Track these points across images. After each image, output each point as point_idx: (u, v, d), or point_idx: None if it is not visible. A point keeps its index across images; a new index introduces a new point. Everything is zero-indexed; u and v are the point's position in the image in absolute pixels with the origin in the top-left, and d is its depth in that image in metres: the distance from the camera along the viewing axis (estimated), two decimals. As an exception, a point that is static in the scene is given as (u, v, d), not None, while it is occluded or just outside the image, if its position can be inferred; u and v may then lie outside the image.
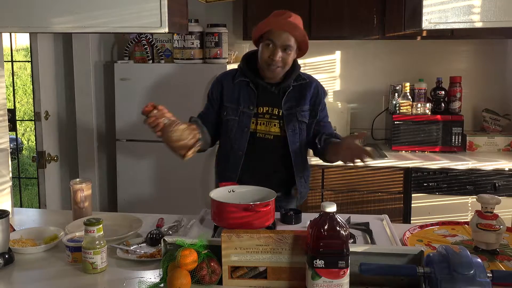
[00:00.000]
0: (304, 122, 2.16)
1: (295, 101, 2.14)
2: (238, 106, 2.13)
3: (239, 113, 2.13)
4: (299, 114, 2.14)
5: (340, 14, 3.40)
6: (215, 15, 3.72)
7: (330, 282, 1.32)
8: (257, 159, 2.15)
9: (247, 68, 2.15)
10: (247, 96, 2.14)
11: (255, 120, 2.14)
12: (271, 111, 2.14)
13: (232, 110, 2.13)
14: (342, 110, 3.78)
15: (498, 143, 3.42)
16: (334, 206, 1.35)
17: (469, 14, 1.57)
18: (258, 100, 2.13)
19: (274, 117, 2.13)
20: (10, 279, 1.56)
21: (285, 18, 2.04)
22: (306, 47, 2.11)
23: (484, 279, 1.25)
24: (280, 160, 2.17)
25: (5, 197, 2.06)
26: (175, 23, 1.67)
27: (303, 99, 2.15)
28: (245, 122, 2.12)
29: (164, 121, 1.79)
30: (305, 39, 2.07)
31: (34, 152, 3.96)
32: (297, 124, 2.14)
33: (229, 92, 2.15)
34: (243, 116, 2.12)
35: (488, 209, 1.68)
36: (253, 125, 2.14)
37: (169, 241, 1.49)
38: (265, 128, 2.14)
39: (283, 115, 2.12)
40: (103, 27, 1.62)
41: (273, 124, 2.13)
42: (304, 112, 2.15)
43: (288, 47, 2.03)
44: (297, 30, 2.03)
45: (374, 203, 3.24)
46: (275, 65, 2.04)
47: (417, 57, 3.72)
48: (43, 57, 3.22)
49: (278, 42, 2.02)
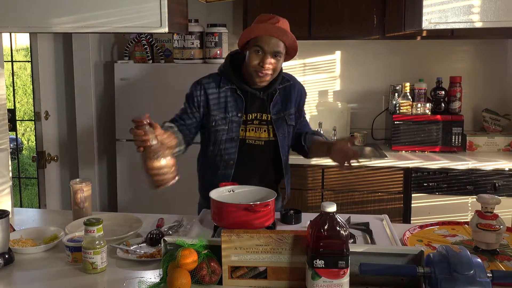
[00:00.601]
0: (293, 125, 2.17)
1: (282, 105, 2.13)
2: (226, 115, 2.07)
3: (228, 122, 2.07)
4: (287, 118, 2.13)
5: (340, 14, 3.40)
6: (215, 15, 3.72)
7: (330, 282, 1.32)
8: (248, 166, 2.11)
9: (233, 73, 2.08)
10: (234, 103, 2.08)
11: (244, 127, 2.09)
12: (260, 117, 2.10)
13: (221, 119, 2.07)
14: (342, 110, 3.78)
15: (498, 143, 3.42)
16: (334, 206, 1.35)
17: (469, 14, 1.57)
18: (246, 107, 2.08)
19: (263, 123, 2.10)
20: (10, 279, 1.56)
21: (273, 23, 1.98)
22: (295, 52, 2.05)
23: (484, 279, 1.25)
24: (271, 164, 2.16)
25: (5, 197, 2.06)
26: (175, 23, 1.68)
27: (289, 102, 2.14)
28: (234, 130, 2.07)
29: (153, 141, 1.61)
30: (294, 44, 2.00)
31: (34, 152, 3.96)
32: (287, 128, 2.14)
33: (215, 100, 2.08)
34: (232, 125, 2.07)
35: (488, 209, 1.68)
36: (243, 132, 2.09)
37: (169, 241, 1.49)
38: (254, 135, 2.10)
39: (272, 120, 2.10)
40: (103, 27, 1.62)
41: (263, 130, 2.10)
42: (292, 115, 2.15)
43: (278, 53, 1.97)
44: (286, 35, 1.97)
45: (374, 203, 3.24)
46: (265, 73, 1.98)
47: (417, 57, 3.72)
48: (43, 57, 3.22)
49: (267, 48, 1.96)
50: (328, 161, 3.26)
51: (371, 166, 3.21)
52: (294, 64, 3.85)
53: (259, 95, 2.09)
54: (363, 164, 3.22)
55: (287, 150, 2.18)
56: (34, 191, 4.87)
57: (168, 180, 1.70)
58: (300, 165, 3.28)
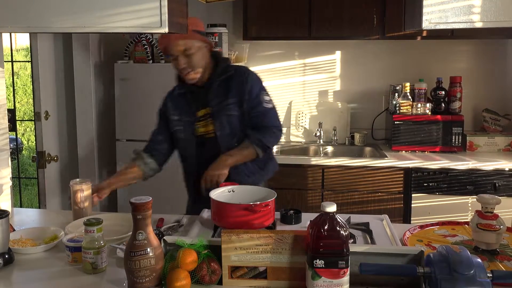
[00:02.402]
0: (234, 114, 2.19)
1: (223, 96, 2.19)
2: (181, 117, 2.24)
3: (182, 122, 2.24)
4: (226, 108, 2.18)
5: (340, 14, 3.40)
6: (215, 15, 3.72)
7: (330, 282, 1.32)
8: (209, 159, 2.18)
9: (179, 78, 2.25)
10: (186, 104, 2.24)
11: (197, 124, 2.23)
12: (206, 112, 2.21)
13: (176, 121, 2.25)
14: (342, 110, 3.79)
15: (498, 143, 3.42)
16: (334, 206, 1.35)
17: (469, 14, 1.57)
18: (196, 105, 2.22)
19: (208, 117, 2.21)
20: (10, 279, 1.56)
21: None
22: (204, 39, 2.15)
23: (484, 279, 1.25)
24: (244, 163, 2.21)
25: (5, 197, 2.06)
26: (175, 23, 1.67)
27: (229, 92, 2.19)
28: (189, 129, 2.23)
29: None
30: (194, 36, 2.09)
31: (34, 152, 3.96)
32: (226, 118, 2.18)
33: (172, 106, 2.27)
34: (186, 125, 2.23)
35: (488, 209, 1.68)
36: (197, 129, 2.23)
37: (169, 241, 1.49)
38: (205, 129, 2.22)
39: (213, 112, 2.19)
40: (103, 27, 1.62)
41: (210, 123, 2.21)
42: (230, 105, 2.18)
43: (186, 50, 2.09)
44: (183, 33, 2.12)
45: (374, 203, 3.24)
46: (185, 71, 2.12)
47: (417, 57, 3.72)
48: (43, 57, 3.22)
49: (175, 52, 2.11)
50: (328, 161, 3.28)
51: (371, 166, 3.21)
52: (294, 64, 3.85)
53: (203, 91, 2.20)
54: (363, 164, 3.22)
55: (232, 138, 2.20)
56: (34, 191, 4.87)
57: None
58: (300, 165, 3.28)
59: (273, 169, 2.38)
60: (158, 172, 2.35)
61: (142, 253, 1.36)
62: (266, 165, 2.31)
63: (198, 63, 2.13)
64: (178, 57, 2.11)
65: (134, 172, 2.24)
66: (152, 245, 1.38)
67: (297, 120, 3.86)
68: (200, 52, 2.12)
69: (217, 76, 2.19)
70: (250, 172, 2.24)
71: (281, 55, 3.86)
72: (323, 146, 3.72)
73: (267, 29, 3.50)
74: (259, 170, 2.28)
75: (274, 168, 2.38)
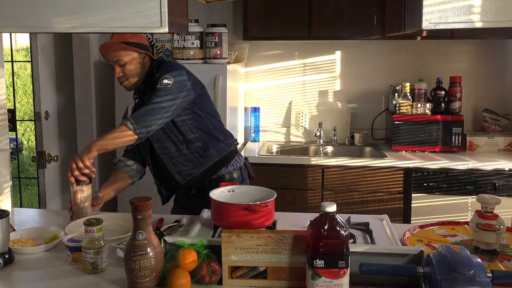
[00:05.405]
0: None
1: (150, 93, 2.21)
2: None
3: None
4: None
5: (340, 14, 3.40)
6: (215, 15, 3.72)
7: (330, 282, 1.32)
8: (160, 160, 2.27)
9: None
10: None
11: None
12: None
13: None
14: (342, 110, 3.79)
15: (498, 143, 3.42)
16: (334, 206, 1.35)
17: (469, 14, 1.57)
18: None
19: None
20: (10, 279, 1.56)
21: (106, 43, 2.21)
22: (137, 50, 2.21)
23: (484, 279, 1.25)
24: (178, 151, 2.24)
25: (5, 197, 2.06)
26: (175, 23, 1.67)
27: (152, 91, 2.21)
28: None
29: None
30: (125, 47, 2.17)
31: (34, 152, 3.96)
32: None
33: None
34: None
35: (488, 209, 1.68)
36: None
37: (169, 241, 1.49)
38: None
39: None
40: (103, 27, 1.62)
41: None
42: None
43: (119, 61, 2.19)
44: (114, 46, 2.19)
45: (374, 203, 3.24)
46: (120, 80, 2.24)
47: (417, 57, 3.72)
48: (43, 57, 3.21)
49: (110, 63, 2.23)
50: (328, 161, 3.28)
51: (371, 166, 3.21)
52: (294, 64, 3.85)
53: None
54: (363, 164, 3.22)
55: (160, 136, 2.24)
56: (34, 191, 4.88)
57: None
58: (300, 165, 3.28)
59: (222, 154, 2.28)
60: (143, 173, 2.43)
61: (142, 253, 1.37)
62: (206, 152, 2.24)
63: (131, 73, 2.22)
64: (115, 67, 2.22)
65: (122, 178, 2.32)
66: (152, 245, 1.38)
67: (297, 120, 3.87)
68: (134, 62, 2.21)
69: (148, 78, 2.25)
70: (186, 160, 2.24)
71: (281, 55, 3.86)
72: (323, 146, 3.72)
73: (267, 29, 3.50)
74: (199, 157, 2.23)
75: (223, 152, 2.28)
